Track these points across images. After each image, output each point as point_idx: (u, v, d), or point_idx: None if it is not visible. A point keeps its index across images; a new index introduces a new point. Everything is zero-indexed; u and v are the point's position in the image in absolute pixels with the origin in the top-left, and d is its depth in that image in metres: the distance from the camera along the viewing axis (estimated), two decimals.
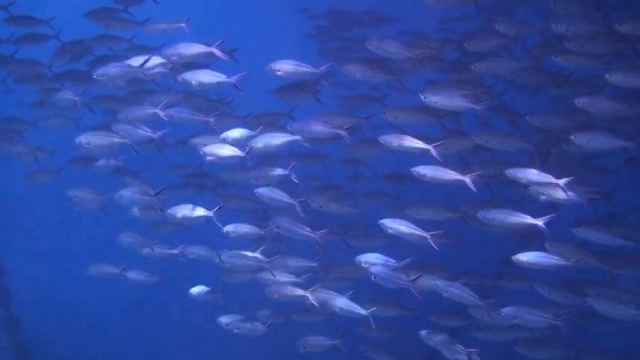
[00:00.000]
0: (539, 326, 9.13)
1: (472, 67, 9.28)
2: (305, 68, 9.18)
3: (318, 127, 9.40)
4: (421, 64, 9.31)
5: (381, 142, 9.16)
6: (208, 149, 9.45)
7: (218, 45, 9.24)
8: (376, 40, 9.25)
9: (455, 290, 9.03)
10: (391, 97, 10.24)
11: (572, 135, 8.74)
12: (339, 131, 9.32)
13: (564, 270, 8.79)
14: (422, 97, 8.99)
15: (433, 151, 8.86)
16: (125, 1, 10.61)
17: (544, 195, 8.65)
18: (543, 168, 8.78)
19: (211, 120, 9.63)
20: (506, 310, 9.01)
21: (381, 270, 9.24)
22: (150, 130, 9.60)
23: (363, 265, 9.41)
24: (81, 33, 10.87)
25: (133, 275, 10.48)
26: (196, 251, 10.00)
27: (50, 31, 11.10)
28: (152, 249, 10.12)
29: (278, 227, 9.51)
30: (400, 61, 9.38)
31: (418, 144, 8.93)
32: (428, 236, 9.05)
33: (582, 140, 8.73)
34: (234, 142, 9.49)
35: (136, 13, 10.67)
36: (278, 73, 9.20)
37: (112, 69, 9.59)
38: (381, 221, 9.30)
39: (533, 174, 8.66)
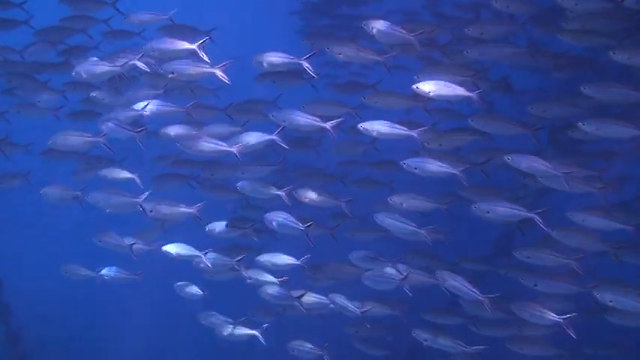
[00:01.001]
0: (545, 323, 8.62)
1: (464, 52, 8.81)
2: (291, 60, 8.73)
3: (303, 119, 8.92)
4: (414, 48, 8.77)
5: (361, 130, 8.70)
6: (188, 144, 9.03)
7: (200, 44, 8.77)
8: (372, 20, 8.72)
9: (455, 284, 8.64)
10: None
11: (581, 122, 8.27)
12: (324, 125, 8.84)
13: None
14: (414, 87, 8.50)
15: (417, 138, 8.52)
16: None
17: (545, 184, 8.35)
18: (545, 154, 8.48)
19: (186, 110, 9.25)
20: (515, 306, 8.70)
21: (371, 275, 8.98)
22: (132, 129, 9.06)
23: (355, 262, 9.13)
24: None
25: (110, 274, 9.87)
26: (179, 251, 9.47)
27: (25, 15, 10.52)
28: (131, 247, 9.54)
29: (272, 223, 9.10)
30: (392, 44, 8.87)
31: (401, 130, 8.53)
32: (424, 232, 8.72)
33: (591, 127, 8.26)
34: (217, 137, 9.07)
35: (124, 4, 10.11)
36: (264, 66, 8.85)
37: (91, 67, 9.14)
38: (375, 215, 8.89)
39: (534, 161, 8.27)
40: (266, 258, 9.33)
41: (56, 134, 9.27)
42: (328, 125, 8.78)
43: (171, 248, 9.40)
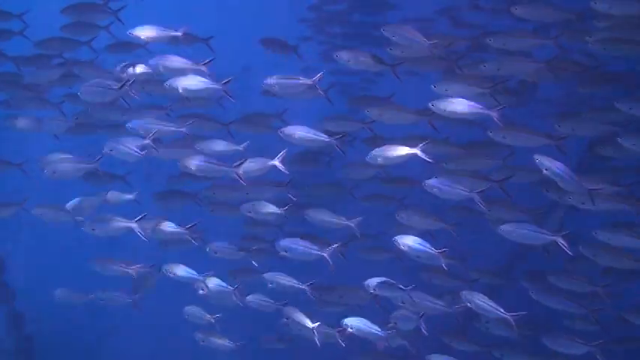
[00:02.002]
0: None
1: (482, 66, 8.19)
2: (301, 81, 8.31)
3: (311, 135, 8.45)
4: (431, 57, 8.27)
5: (368, 160, 8.38)
6: (188, 164, 8.60)
7: (206, 64, 8.43)
8: (393, 25, 8.24)
9: (480, 303, 8.17)
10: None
11: (619, 137, 7.83)
12: (330, 140, 8.42)
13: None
14: (430, 105, 8.07)
15: (420, 154, 8.05)
16: None
17: (570, 198, 7.88)
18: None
19: (184, 130, 8.70)
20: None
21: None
22: (138, 151, 8.60)
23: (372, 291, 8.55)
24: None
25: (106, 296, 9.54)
26: (176, 271, 9.05)
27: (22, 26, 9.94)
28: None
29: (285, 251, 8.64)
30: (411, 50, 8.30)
31: (404, 151, 8.16)
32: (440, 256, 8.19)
33: (629, 142, 7.81)
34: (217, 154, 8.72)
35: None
36: (273, 89, 8.45)
37: (93, 89, 8.67)
38: (395, 239, 8.37)
39: (560, 168, 7.64)
40: (271, 277, 8.88)
41: (49, 160, 8.83)
42: (334, 141, 8.40)
43: (171, 269, 9.01)
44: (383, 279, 8.48)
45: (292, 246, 8.53)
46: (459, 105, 7.93)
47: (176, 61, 8.47)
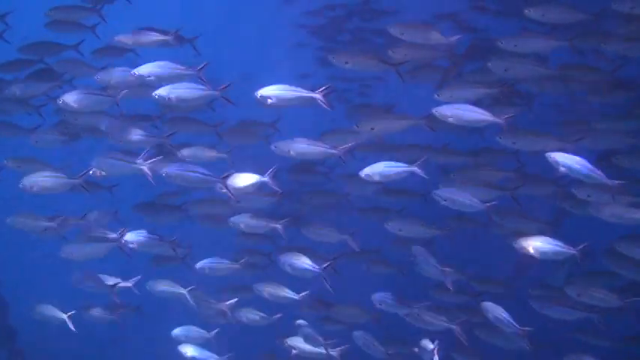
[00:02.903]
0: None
1: (488, 64, 7.66)
2: (300, 93, 7.61)
3: (309, 147, 7.88)
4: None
5: (363, 177, 7.93)
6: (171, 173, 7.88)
7: (200, 69, 7.71)
8: (399, 24, 7.71)
9: (497, 315, 7.88)
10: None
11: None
12: (333, 152, 7.82)
13: None
14: (434, 111, 7.55)
15: (419, 172, 7.72)
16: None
17: (589, 195, 7.44)
18: None
19: (166, 141, 8.11)
20: None
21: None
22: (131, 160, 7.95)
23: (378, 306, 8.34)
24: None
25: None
26: (160, 287, 8.75)
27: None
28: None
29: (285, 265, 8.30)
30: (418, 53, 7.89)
31: (400, 168, 7.80)
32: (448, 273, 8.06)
33: None
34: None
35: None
36: (269, 101, 7.66)
37: (79, 96, 8.01)
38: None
39: (577, 161, 7.13)
40: (264, 287, 8.58)
41: (28, 175, 8.11)
42: (337, 152, 7.81)
43: (155, 285, 8.72)
44: (389, 294, 8.29)
45: (291, 261, 8.17)
46: (465, 112, 7.45)
47: (166, 67, 7.77)
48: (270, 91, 7.54)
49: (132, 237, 8.36)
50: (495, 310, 7.86)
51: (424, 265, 8.07)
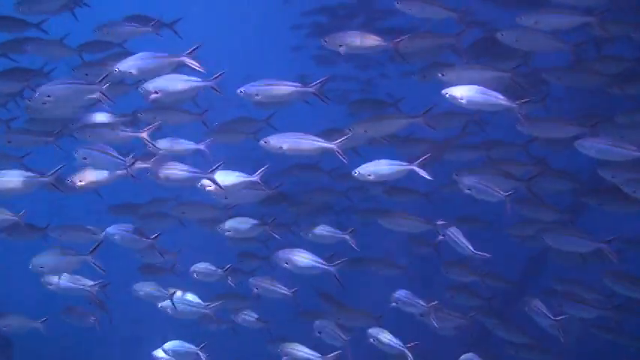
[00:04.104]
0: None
1: (499, 35, 7.12)
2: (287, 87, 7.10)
3: (301, 142, 7.15)
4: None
5: (356, 176, 7.36)
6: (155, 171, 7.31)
7: (190, 53, 6.98)
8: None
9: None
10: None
11: None
12: (330, 146, 7.10)
13: None
14: (444, 93, 6.92)
15: (420, 171, 7.10)
16: None
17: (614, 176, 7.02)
18: None
19: (144, 136, 7.28)
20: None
21: None
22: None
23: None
24: None
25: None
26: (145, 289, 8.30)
27: None
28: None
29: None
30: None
31: (402, 166, 7.17)
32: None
33: None
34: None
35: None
36: (255, 97, 7.14)
37: (60, 86, 7.11)
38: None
39: (606, 142, 6.79)
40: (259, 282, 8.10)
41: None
42: (334, 146, 7.10)
43: (139, 287, 8.31)
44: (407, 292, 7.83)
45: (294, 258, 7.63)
46: (478, 94, 6.80)
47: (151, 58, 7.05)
48: (255, 88, 7.03)
49: (113, 230, 7.82)
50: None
51: (455, 245, 7.54)
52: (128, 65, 7.00)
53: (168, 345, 8.26)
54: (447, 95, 6.88)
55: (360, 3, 13.33)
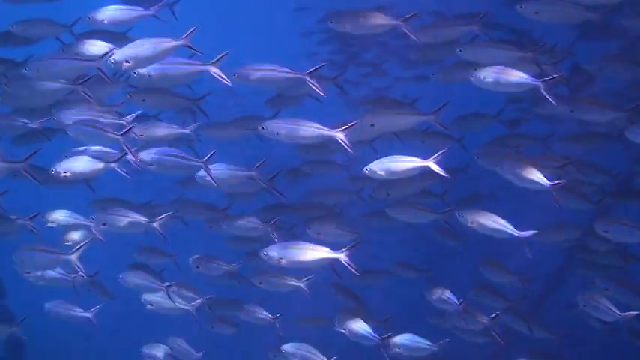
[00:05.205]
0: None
1: (518, 7, 6.68)
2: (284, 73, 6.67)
3: (301, 128, 6.62)
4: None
5: (367, 174, 7.02)
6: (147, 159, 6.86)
7: (188, 35, 6.48)
8: None
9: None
10: None
11: None
12: (332, 134, 6.53)
13: None
14: (470, 77, 6.66)
15: (434, 168, 6.71)
16: None
17: None
18: None
19: (119, 137, 6.68)
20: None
21: None
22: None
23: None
24: None
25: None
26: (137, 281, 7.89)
27: None
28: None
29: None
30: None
31: (415, 163, 6.78)
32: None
33: None
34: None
35: None
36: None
37: (48, 62, 6.72)
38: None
39: None
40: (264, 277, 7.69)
41: None
42: (338, 135, 6.52)
43: (129, 277, 7.91)
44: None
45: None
46: (502, 73, 6.44)
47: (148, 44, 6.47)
48: (247, 69, 6.68)
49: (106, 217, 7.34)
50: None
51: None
52: (124, 55, 6.44)
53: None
54: (473, 78, 6.59)
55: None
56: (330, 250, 6.91)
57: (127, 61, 6.43)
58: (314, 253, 6.92)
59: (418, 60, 8.23)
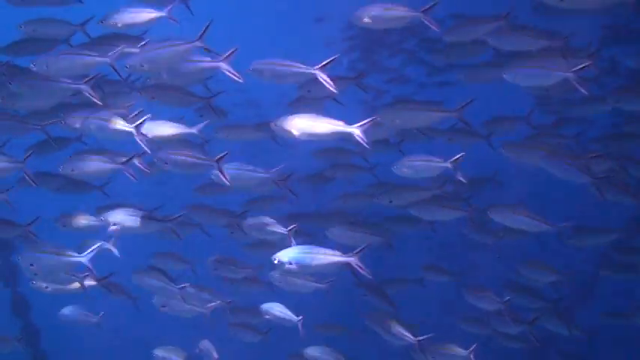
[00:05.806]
0: None
1: None
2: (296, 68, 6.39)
3: (315, 124, 6.34)
4: None
5: (393, 170, 7.13)
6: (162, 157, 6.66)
7: (201, 34, 6.24)
8: None
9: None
10: None
11: None
12: (349, 130, 6.25)
13: None
14: (504, 75, 6.55)
15: (451, 167, 6.84)
16: None
17: None
18: None
19: (132, 129, 6.46)
20: None
21: None
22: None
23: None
24: None
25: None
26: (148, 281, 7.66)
27: None
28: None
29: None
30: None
31: (436, 163, 6.92)
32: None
33: None
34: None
35: None
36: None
37: (58, 58, 6.49)
38: None
39: None
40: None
41: None
42: (356, 131, 6.24)
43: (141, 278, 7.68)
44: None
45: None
46: (535, 70, 6.36)
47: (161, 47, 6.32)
48: (261, 65, 6.44)
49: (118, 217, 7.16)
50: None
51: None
52: (139, 59, 6.33)
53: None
54: (505, 76, 6.50)
55: None
56: (341, 254, 6.63)
57: (143, 65, 6.32)
58: (324, 257, 6.66)
59: (442, 61, 7.91)
